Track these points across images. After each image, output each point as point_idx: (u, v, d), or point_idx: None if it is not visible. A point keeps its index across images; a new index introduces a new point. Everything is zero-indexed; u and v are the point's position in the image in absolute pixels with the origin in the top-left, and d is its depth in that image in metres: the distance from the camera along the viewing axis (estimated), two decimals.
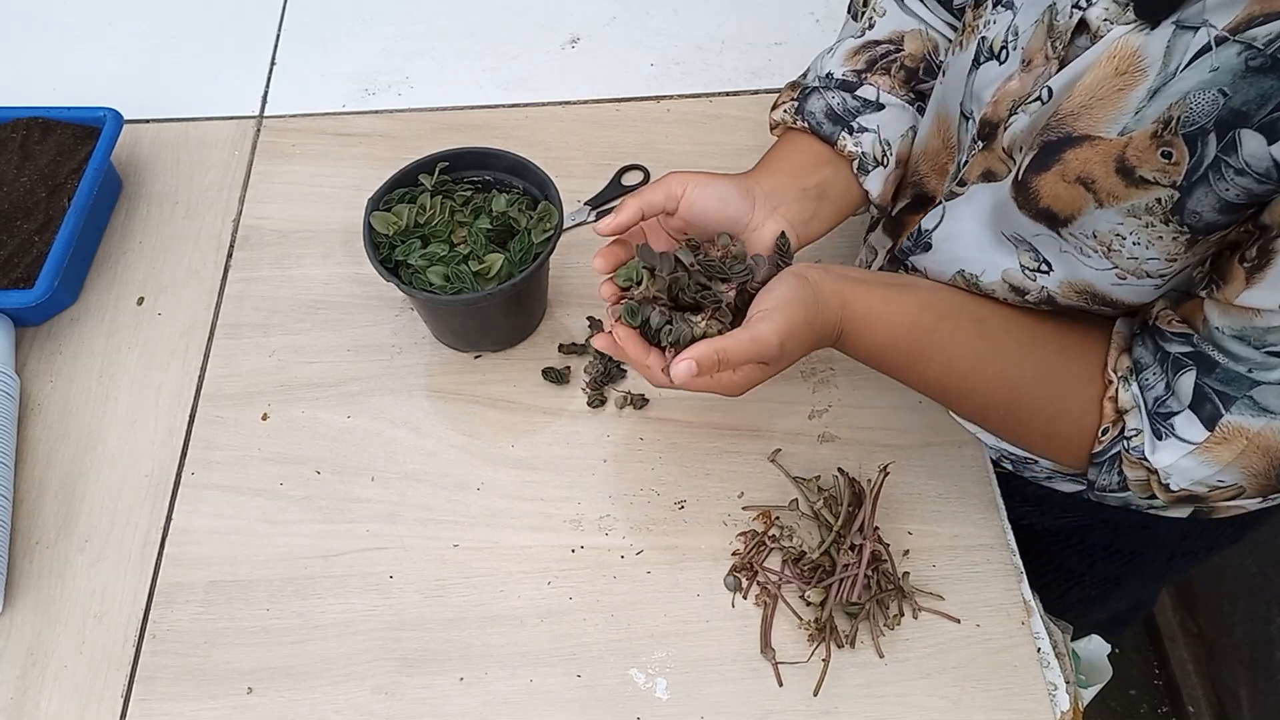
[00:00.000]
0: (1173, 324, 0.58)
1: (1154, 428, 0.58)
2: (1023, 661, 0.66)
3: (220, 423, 0.78)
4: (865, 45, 0.74)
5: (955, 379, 0.64)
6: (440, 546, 0.72)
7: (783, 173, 0.70)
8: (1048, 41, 0.56)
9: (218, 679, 0.67)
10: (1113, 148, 0.52)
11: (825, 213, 0.70)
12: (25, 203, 0.84)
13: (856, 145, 0.71)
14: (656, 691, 0.66)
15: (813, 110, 0.72)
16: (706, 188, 0.65)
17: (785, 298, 0.58)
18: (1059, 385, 0.62)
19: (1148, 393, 0.58)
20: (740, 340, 0.56)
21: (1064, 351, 0.63)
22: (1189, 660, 1.52)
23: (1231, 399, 0.54)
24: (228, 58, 1.04)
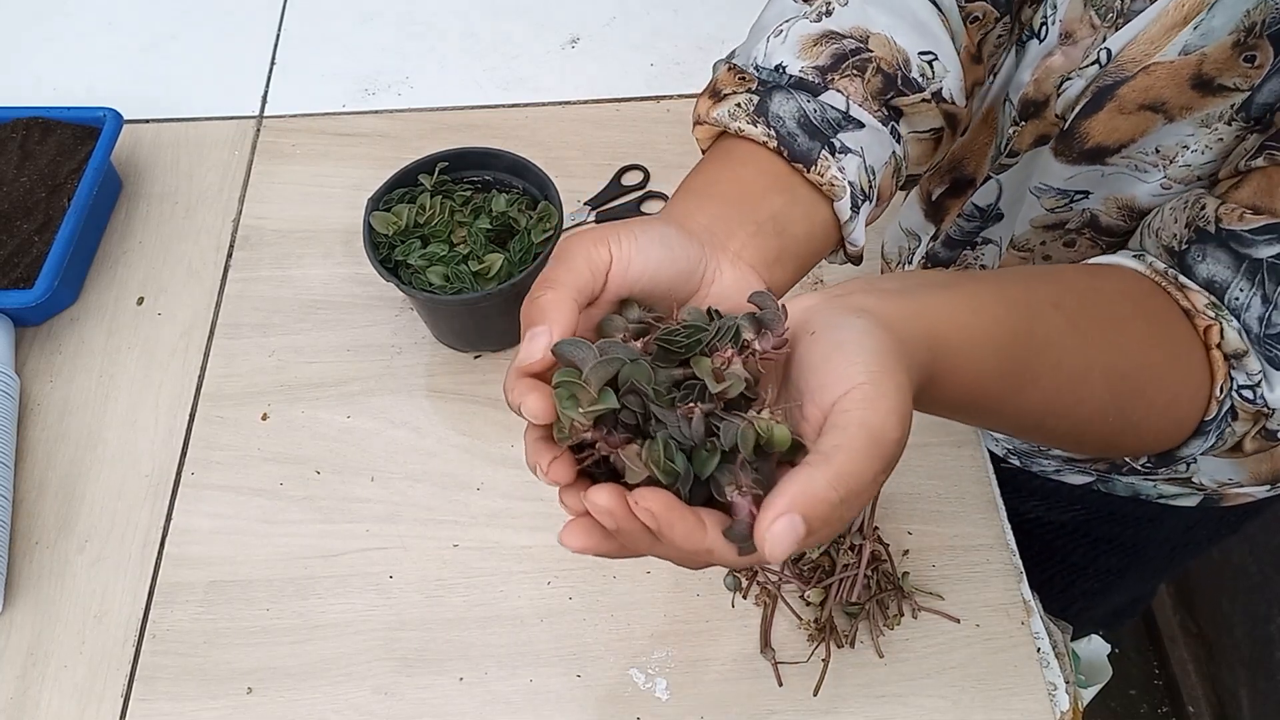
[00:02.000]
0: (1247, 219, 0.46)
1: (1269, 354, 0.47)
2: (1022, 661, 0.66)
3: (220, 423, 0.78)
4: (826, 35, 0.55)
5: (1065, 393, 0.46)
6: (440, 546, 0.72)
7: (723, 200, 0.49)
8: (1088, 11, 0.54)
9: (218, 679, 0.67)
10: (1182, 67, 0.49)
11: (789, 257, 0.49)
12: (25, 203, 0.84)
13: (841, 173, 0.50)
14: (656, 691, 0.66)
15: (780, 114, 0.51)
16: (638, 237, 0.42)
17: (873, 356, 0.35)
18: (1168, 358, 0.48)
19: (1246, 315, 0.47)
20: (859, 451, 0.34)
21: (1148, 309, 0.48)
22: (1189, 660, 1.52)
23: None
24: (228, 58, 1.04)
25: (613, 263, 0.41)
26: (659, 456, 0.35)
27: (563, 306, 0.38)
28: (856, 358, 0.35)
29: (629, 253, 0.41)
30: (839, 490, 0.33)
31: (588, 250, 0.40)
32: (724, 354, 0.37)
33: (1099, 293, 0.49)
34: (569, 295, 0.39)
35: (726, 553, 0.35)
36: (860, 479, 0.33)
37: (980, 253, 0.70)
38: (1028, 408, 0.46)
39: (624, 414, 0.36)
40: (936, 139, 0.58)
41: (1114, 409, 0.48)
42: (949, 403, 0.43)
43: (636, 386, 0.36)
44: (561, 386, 0.36)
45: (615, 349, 0.37)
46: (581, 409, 0.35)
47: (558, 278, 0.39)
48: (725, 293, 0.45)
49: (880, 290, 0.40)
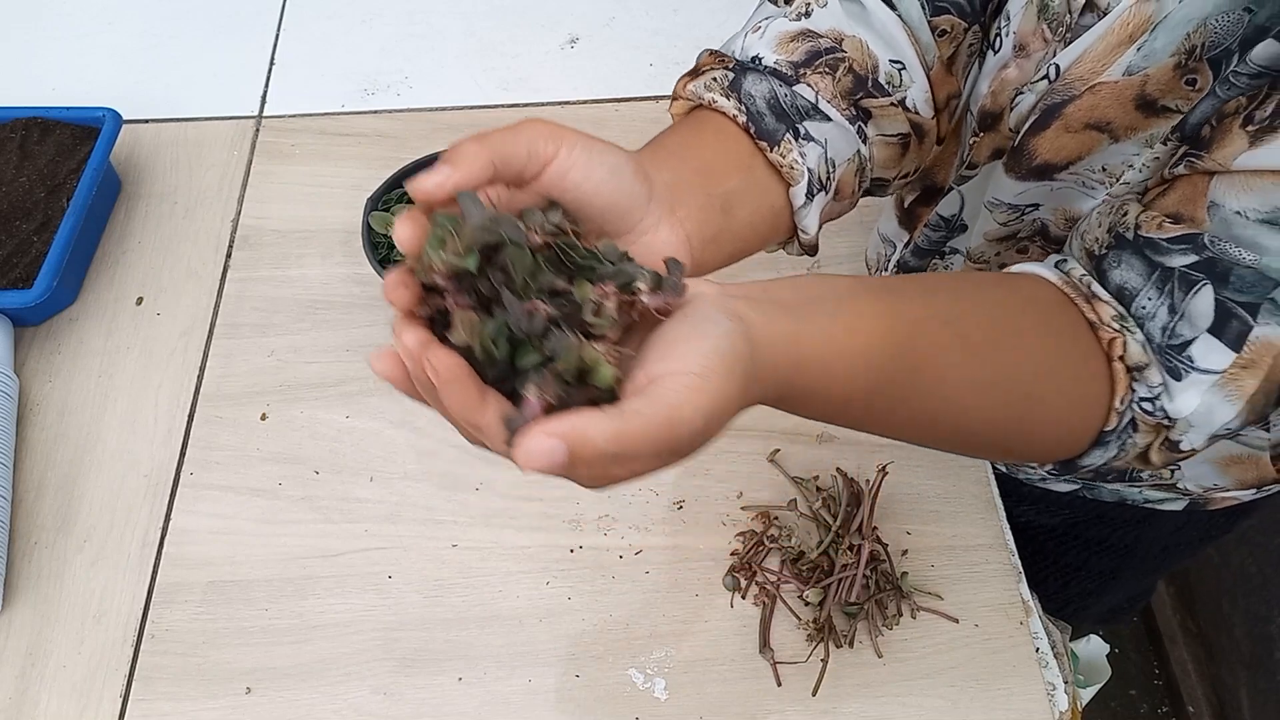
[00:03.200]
0: (1165, 227, 0.46)
1: (1169, 365, 0.47)
2: (1021, 661, 0.66)
3: (219, 423, 0.78)
4: (803, 34, 0.56)
5: (948, 405, 0.47)
6: (439, 546, 0.72)
7: (687, 165, 0.49)
8: (1041, 24, 0.55)
9: (217, 679, 0.66)
10: (1126, 87, 0.49)
11: (727, 238, 0.49)
12: (24, 203, 0.84)
13: (802, 158, 0.51)
14: (655, 691, 0.66)
15: (752, 93, 0.52)
16: (593, 154, 0.41)
17: (715, 357, 0.36)
18: (1068, 373, 0.49)
19: (1150, 324, 0.47)
20: (653, 425, 0.34)
21: (1051, 323, 0.49)
22: (1189, 660, 1.52)
23: (1255, 307, 0.44)
24: (227, 58, 1.04)
25: (554, 161, 0.40)
26: (485, 334, 0.35)
27: (479, 159, 0.38)
28: (700, 350, 0.36)
29: (575, 161, 0.40)
30: (614, 447, 0.33)
31: (537, 134, 0.40)
32: (607, 289, 0.37)
33: (1002, 306, 0.49)
34: (489, 154, 0.38)
35: (495, 435, 0.36)
36: (640, 448, 0.34)
37: (949, 262, 0.71)
38: (906, 419, 0.47)
39: (482, 283, 0.36)
40: (904, 145, 0.59)
41: (1003, 421, 0.49)
42: (817, 413, 0.44)
43: (507, 267, 0.36)
44: (439, 228, 0.36)
45: (510, 228, 0.36)
46: (443, 254, 0.35)
47: (491, 137, 0.39)
48: (653, 249, 0.44)
49: (768, 302, 0.40)
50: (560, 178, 0.41)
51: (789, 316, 0.40)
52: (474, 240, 0.35)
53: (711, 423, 0.36)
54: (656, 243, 0.44)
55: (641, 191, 0.44)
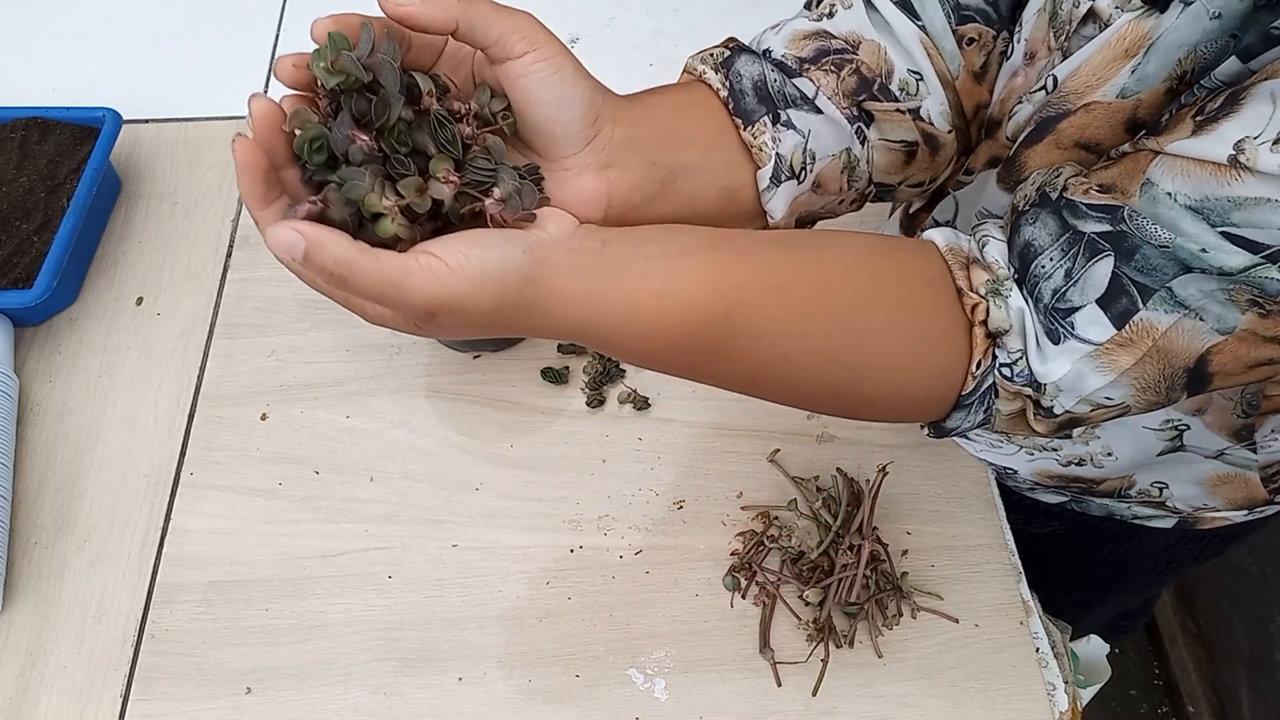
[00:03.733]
0: (1090, 194, 0.47)
1: (1049, 327, 0.47)
2: (1021, 661, 0.66)
3: (219, 423, 0.78)
4: (818, 33, 0.58)
5: (771, 368, 0.48)
6: (439, 546, 0.72)
7: (650, 124, 0.50)
8: (1049, 31, 0.55)
9: (216, 679, 0.67)
10: (1118, 110, 0.50)
11: (659, 207, 0.50)
12: (24, 203, 0.84)
13: (774, 142, 0.52)
14: (655, 691, 0.66)
15: (740, 72, 0.54)
16: (555, 76, 0.43)
17: (475, 269, 0.39)
18: (908, 348, 0.50)
19: (1044, 284, 0.47)
20: (377, 272, 0.38)
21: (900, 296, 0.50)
22: (1189, 660, 1.52)
23: (1150, 291, 0.45)
24: (227, 58, 1.04)
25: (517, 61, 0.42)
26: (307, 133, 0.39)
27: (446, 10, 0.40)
28: (470, 255, 0.39)
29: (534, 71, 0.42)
30: (340, 269, 0.38)
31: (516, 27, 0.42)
32: (454, 177, 0.40)
33: (858, 274, 0.49)
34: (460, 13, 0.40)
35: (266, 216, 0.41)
36: (360, 287, 0.38)
37: None
38: (720, 375, 0.48)
39: (349, 102, 0.39)
40: (909, 152, 0.59)
41: (835, 386, 0.50)
42: (624, 359, 0.50)
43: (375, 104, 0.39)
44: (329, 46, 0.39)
45: (388, 77, 0.39)
46: (320, 65, 0.39)
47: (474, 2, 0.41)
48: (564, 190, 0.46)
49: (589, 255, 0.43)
50: (514, 77, 0.42)
51: (601, 275, 0.43)
52: (343, 66, 0.38)
53: (438, 312, 0.39)
54: (571, 186, 0.46)
55: (580, 135, 0.45)
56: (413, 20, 0.40)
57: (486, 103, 0.43)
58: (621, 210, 0.48)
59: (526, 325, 0.42)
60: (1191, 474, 0.69)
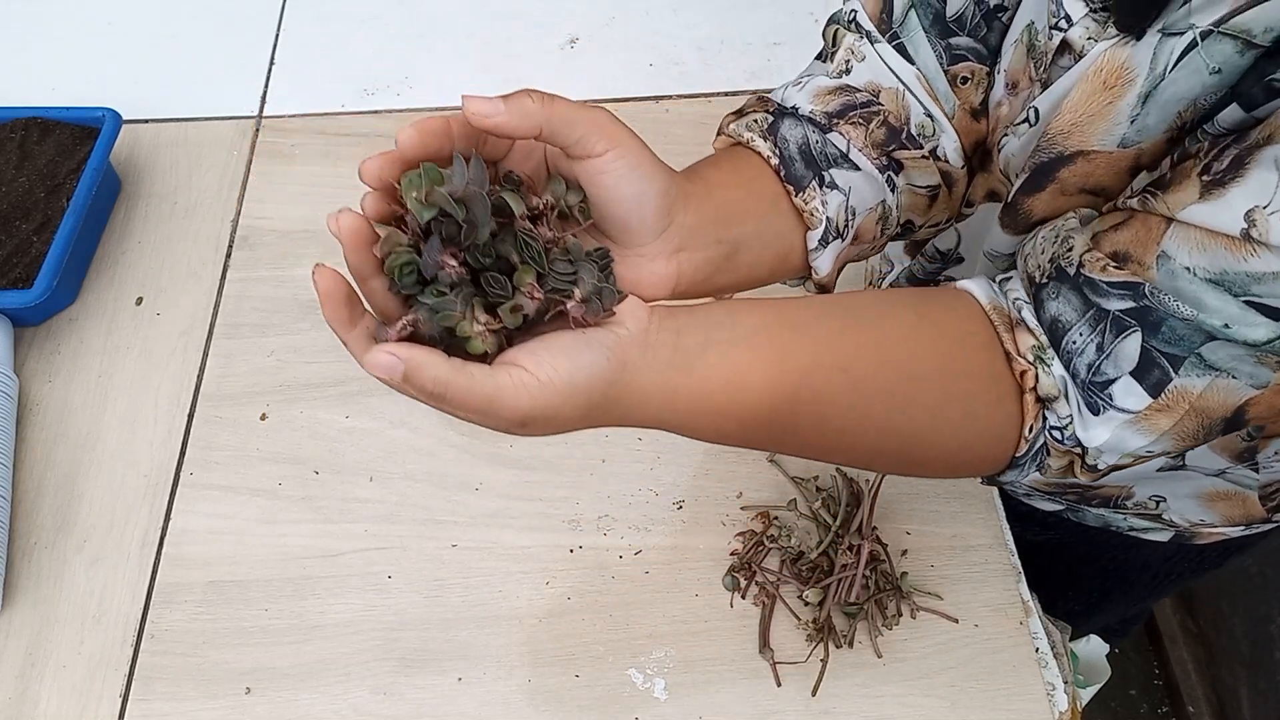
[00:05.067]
0: (1109, 271, 0.48)
1: (1089, 400, 0.49)
2: (1021, 661, 0.66)
3: (219, 423, 0.78)
4: (841, 88, 0.59)
5: (832, 439, 0.51)
6: (439, 546, 0.72)
7: (711, 205, 0.51)
8: (1029, 62, 0.55)
9: (216, 679, 0.67)
10: (1121, 158, 0.50)
11: (723, 278, 0.52)
12: (24, 203, 0.84)
13: (823, 206, 0.55)
14: (655, 691, 0.66)
15: (787, 137, 0.56)
16: (633, 173, 0.44)
17: (564, 379, 0.41)
18: (962, 413, 0.51)
19: (1078, 359, 0.49)
20: (471, 390, 0.40)
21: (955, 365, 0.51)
22: (1189, 660, 1.52)
23: (1179, 360, 0.46)
24: (227, 58, 1.04)
25: (598, 160, 0.43)
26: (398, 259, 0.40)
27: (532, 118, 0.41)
28: (557, 367, 0.41)
29: (612, 169, 0.43)
30: (436, 389, 0.39)
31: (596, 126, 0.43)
32: (537, 293, 0.41)
33: (913, 343, 0.51)
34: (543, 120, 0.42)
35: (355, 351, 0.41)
36: (458, 403, 0.40)
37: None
38: (798, 447, 0.51)
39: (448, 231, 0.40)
40: (932, 196, 0.61)
41: (893, 454, 0.52)
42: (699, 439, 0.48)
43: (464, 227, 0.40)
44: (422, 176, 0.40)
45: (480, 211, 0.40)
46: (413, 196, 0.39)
47: (554, 104, 0.42)
48: (638, 275, 0.47)
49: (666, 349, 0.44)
50: (594, 173, 0.43)
51: (675, 369, 0.44)
52: (436, 201, 0.39)
53: (530, 423, 0.41)
54: (645, 270, 0.47)
55: (655, 226, 0.47)
56: (500, 130, 0.41)
57: (563, 195, 0.44)
58: (688, 287, 0.49)
59: (608, 421, 0.44)
60: (1190, 489, 0.69)
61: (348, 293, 0.40)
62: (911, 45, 0.58)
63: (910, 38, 0.58)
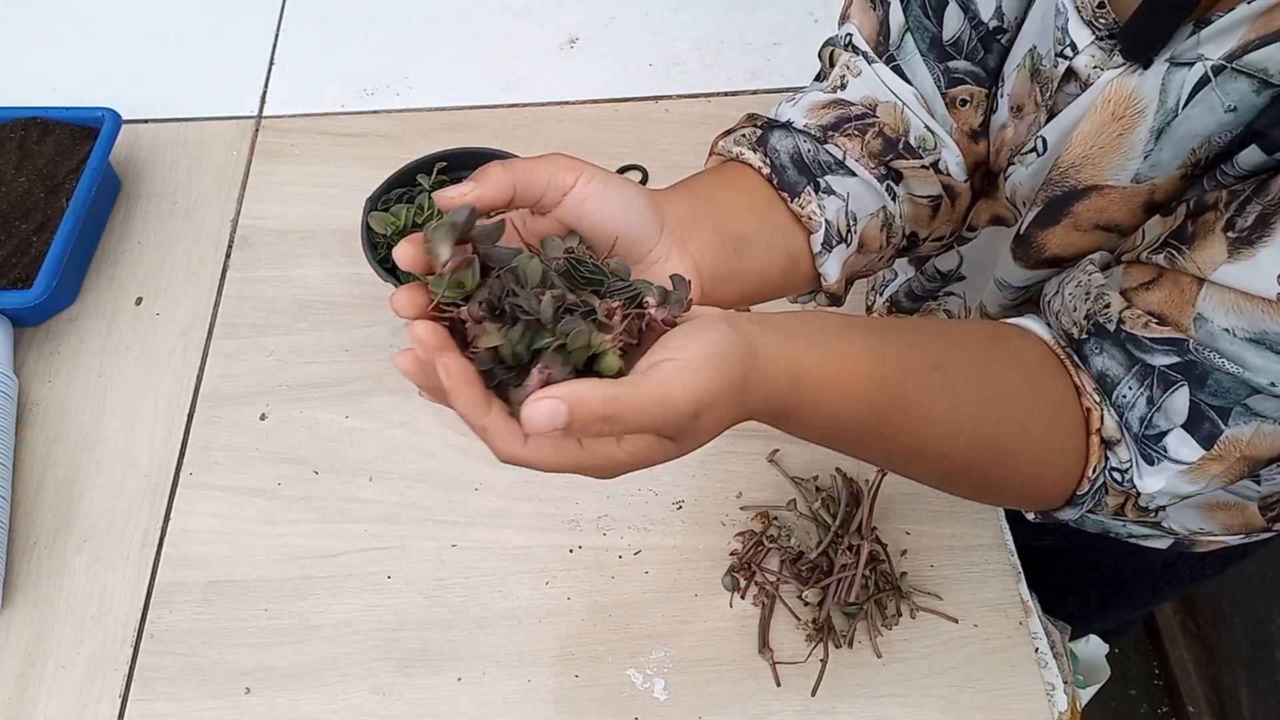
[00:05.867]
0: (1151, 327, 0.48)
1: (1144, 452, 0.50)
2: (1021, 661, 0.66)
3: (218, 423, 0.78)
4: (835, 102, 0.59)
5: (929, 444, 0.49)
6: (439, 546, 0.72)
7: (702, 202, 0.52)
8: (1034, 87, 0.55)
9: (216, 679, 0.67)
10: (1134, 194, 0.50)
11: (740, 277, 0.51)
12: (23, 203, 0.84)
13: (820, 210, 0.54)
14: (655, 691, 0.66)
15: (777, 148, 0.56)
16: (609, 186, 0.44)
17: (711, 350, 0.38)
18: (1043, 438, 0.51)
19: (1130, 413, 0.49)
20: (644, 397, 0.36)
21: (1036, 389, 0.51)
22: (1189, 660, 1.52)
23: (1227, 411, 0.47)
24: (226, 58, 1.04)
25: (573, 190, 0.43)
26: (511, 336, 0.37)
27: (502, 179, 0.41)
28: (697, 342, 0.38)
29: (591, 191, 0.43)
30: (609, 408, 0.35)
31: (558, 165, 0.43)
32: (613, 303, 0.39)
33: (993, 360, 0.51)
34: (512, 177, 0.41)
35: (500, 434, 0.37)
36: (633, 417, 0.36)
37: (943, 302, 0.73)
38: (888, 451, 0.49)
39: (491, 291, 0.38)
40: (934, 206, 0.61)
41: (979, 469, 0.51)
42: (807, 432, 0.46)
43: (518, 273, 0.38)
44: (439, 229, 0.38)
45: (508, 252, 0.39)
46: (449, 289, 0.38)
47: (516, 163, 0.42)
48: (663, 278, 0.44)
49: (770, 325, 0.43)
50: (577, 205, 0.43)
51: (790, 341, 0.42)
52: (461, 278, 0.38)
53: (703, 411, 0.38)
54: (666, 272, 0.45)
55: (653, 224, 0.47)
56: (480, 200, 0.40)
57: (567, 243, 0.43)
58: (711, 284, 0.49)
59: (753, 401, 0.41)
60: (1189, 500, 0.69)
61: (474, 373, 0.37)
62: (909, 68, 0.59)
63: (907, 61, 0.59)
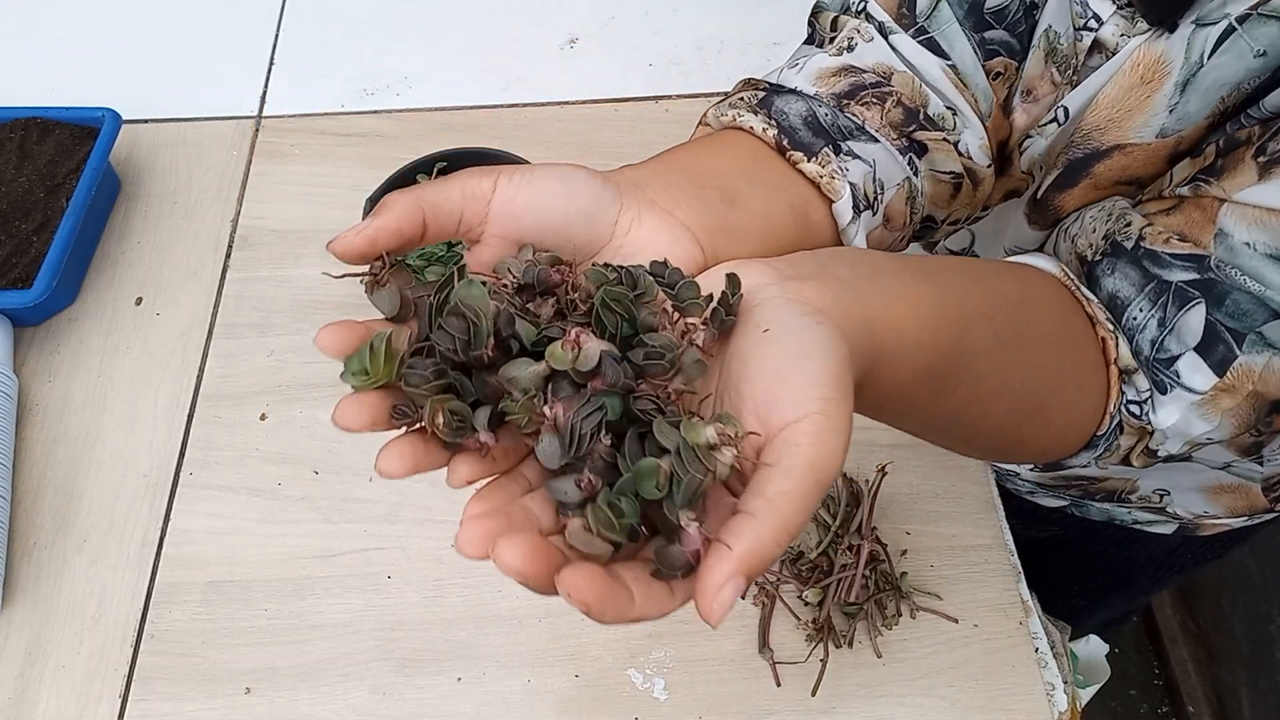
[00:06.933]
0: (1171, 243, 0.46)
1: (1154, 379, 0.47)
2: (1021, 661, 0.66)
3: (218, 423, 0.78)
4: (845, 69, 0.53)
5: (976, 404, 0.45)
6: (438, 546, 0.72)
7: (668, 164, 0.44)
8: (1049, 67, 0.54)
9: (216, 679, 0.66)
10: (1159, 148, 0.49)
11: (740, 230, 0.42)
12: (23, 203, 0.84)
13: (842, 171, 0.47)
14: (654, 691, 0.66)
15: (785, 110, 0.49)
16: (534, 173, 0.38)
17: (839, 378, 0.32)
18: (1074, 380, 0.48)
19: (1140, 335, 0.47)
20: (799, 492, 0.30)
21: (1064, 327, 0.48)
22: (1189, 660, 1.52)
23: (1242, 336, 0.44)
24: (226, 58, 1.04)
25: (496, 193, 0.37)
26: (607, 520, 0.30)
27: (404, 205, 0.35)
28: (817, 380, 0.31)
29: (516, 186, 0.37)
30: (781, 545, 0.29)
31: (469, 175, 0.37)
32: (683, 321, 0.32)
33: (1028, 306, 0.47)
34: (417, 200, 0.35)
35: (653, 612, 0.30)
36: (798, 527, 0.30)
37: None
38: (939, 414, 0.44)
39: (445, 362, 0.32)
40: (956, 185, 0.57)
41: (1013, 425, 0.48)
42: (872, 405, 0.40)
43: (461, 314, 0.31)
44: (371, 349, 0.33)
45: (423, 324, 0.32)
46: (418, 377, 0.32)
47: (419, 187, 0.36)
48: (642, 245, 0.39)
49: (835, 282, 0.36)
50: (508, 205, 0.37)
51: (856, 298, 0.36)
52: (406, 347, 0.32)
53: (845, 453, 0.31)
54: (644, 238, 0.39)
55: (606, 192, 0.39)
56: (376, 244, 0.35)
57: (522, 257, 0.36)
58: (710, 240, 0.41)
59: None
60: (1194, 482, 0.69)
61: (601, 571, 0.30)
62: (945, 39, 0.55)
63: (943, 31, 0.55)
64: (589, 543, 0.30)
